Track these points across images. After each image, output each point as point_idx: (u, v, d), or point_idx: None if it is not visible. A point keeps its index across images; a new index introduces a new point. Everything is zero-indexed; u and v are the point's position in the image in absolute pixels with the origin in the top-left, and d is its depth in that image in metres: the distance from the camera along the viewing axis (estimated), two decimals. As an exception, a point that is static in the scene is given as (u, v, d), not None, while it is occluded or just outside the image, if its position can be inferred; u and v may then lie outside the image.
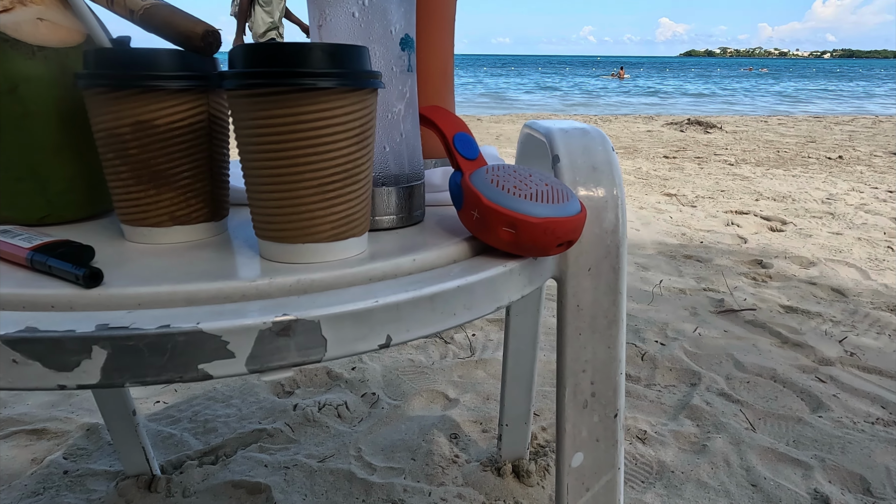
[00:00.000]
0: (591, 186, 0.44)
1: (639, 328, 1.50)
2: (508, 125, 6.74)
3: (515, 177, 0.39)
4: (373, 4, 0.39)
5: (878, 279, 1.92)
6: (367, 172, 0.36)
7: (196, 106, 0.38)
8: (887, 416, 1.12)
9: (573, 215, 0.38)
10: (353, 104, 0.33)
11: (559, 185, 0.40)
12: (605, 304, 0.44)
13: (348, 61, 0.33)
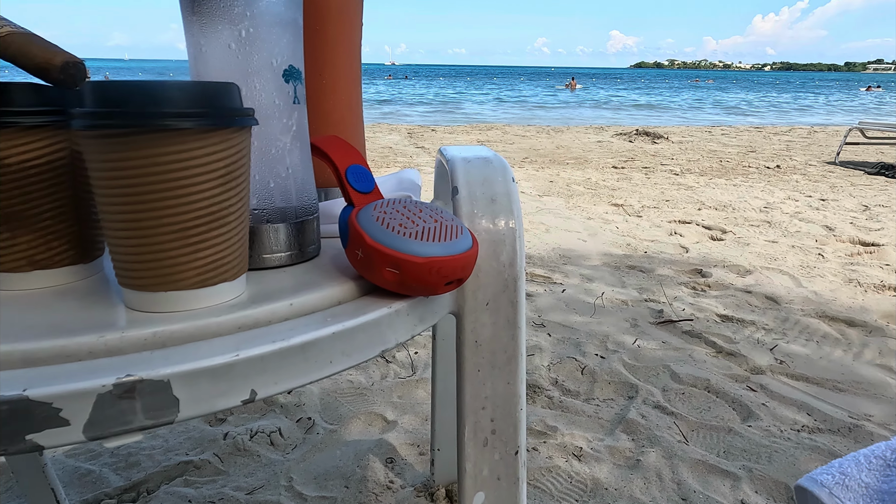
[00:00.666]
0: (489, 219, 0.43)
1: (580, 342, 1.51)
2: (462, 136, 6.77)
3: (404, 213, 0.38)
4: (251, 36, 0.37)
5: (809, 286, 2.00)
6: (239, 214, 0.34)
7: (55, 142, 0.35)
8: (812, 423, 1.16)
9: (462, 253, 0.37)
10: (215, 144, 0.31)
11: (451, 221, 0.39)
12: (504, 339, 0.43)
13: (209, 99, 0.31)
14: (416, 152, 5.38)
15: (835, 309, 1.78)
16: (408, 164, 4.61)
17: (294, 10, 0.39)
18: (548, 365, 1.38)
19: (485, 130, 7.45)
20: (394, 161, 4.77)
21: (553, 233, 2.70)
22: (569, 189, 3.77)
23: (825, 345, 1.54)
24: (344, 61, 0.51)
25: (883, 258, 2.35)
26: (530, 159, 5.07)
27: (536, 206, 3.23)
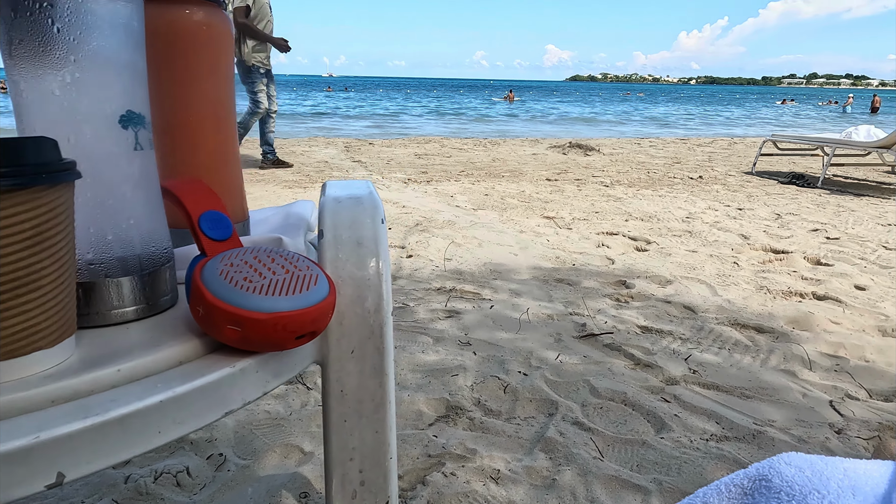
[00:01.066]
0: (354, 264, 0.42)
1: (504, 359, 1.52)
2: (400, 149, 6.77)
3: (254, 265, 0.37)
4: (78, 81, 0.35)
5: (724, 294, 2.10)
6: (56, 276, 0.32)
7: None
8: (720, 432, 1.21)
9: (314, 305, 0.36)
10: (18, 205, 0.29)
11: (306, 270, 0.38)
12: (371, 388, 0.42)
13: (9, 157, 0.29)
14: (353, 166, 5.34)
15: (746, 316, 1.87)
16: (344, 178, 4.55)
17: (131, 51, 0.37)
18: (471, 385, 1.38)
19: (423, 143, 7.47)
20: (329, 175, 4.71)
21: (485, 247, 2.72)
22: (503, 202, 3.82)
23: (736, 352, 1.61)
24: (201, 99, 0.49)
25: (791, 265, 2.50)
26: (467, 172, 5.11)
27: (471, 221, 3.26)
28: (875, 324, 1.83)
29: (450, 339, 1.64)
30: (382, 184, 4.42)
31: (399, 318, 1.80)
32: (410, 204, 3.68)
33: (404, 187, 4.31)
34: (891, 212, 3.67)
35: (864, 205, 3.91)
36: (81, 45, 0.34)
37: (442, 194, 4.05)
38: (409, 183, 4.50)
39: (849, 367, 1.53)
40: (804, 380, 1.45)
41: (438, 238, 2.83)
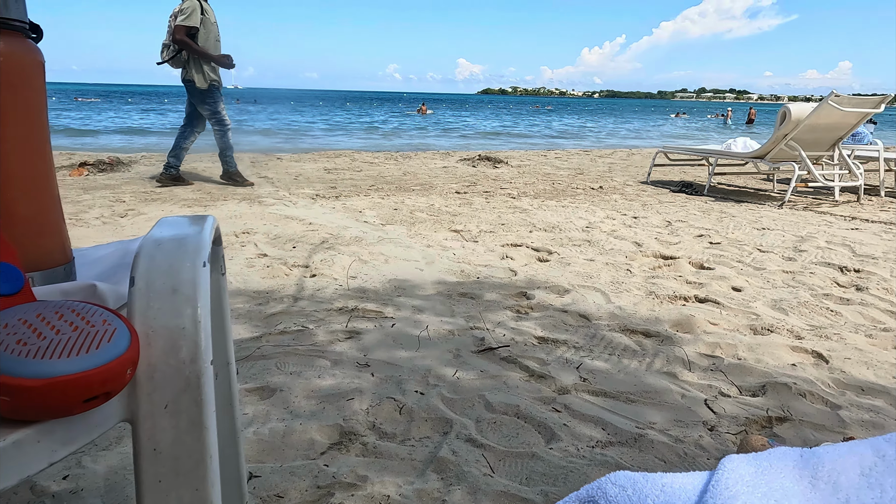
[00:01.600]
0: (167, 313, 0.40)
1: (402, 379, 1.51)
2: (309, 164, 6.64)
3: (35, 324, 0.34)
4: None
5: (617, 301, 2.20)
6: None
7: None
8: (605, 438, 1.26)
9: (105, 364, 0.33)
10: None
11: (100, 326, 0.35)
12: (188, 443, 0.40)
13: None
14: (259, 182, 5.17)
15: (635, 322, 1.98)
16: (247, 196, 4.40)
17: None
18: (366, 408, 1.36)
19: (333, 158, 7.37)
20: (232, 193, 4.53)
21: (391, 263, 2.71)
22: (412, 216, 3.83)
23: (624, 358, 1.70)
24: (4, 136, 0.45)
25: (678, 270, 2.67)
26: (377, 187, 5.09)
27: (378, 236, 3.23)
28: (747, 323, 1.98)
29: (348, 362, 1.61)
30: (289, 200, 4.31)
31: (297, 342, 1.75)
32: (317, 221, 3.61)
33: (312, 203, 4.23)
34: (765, 217, 4.02)
35: (743, 210, 4.26)
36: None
37: (351, 210, 4.01)
38: (317, 199, 4.41)
39: (723, 365, 1.65)
40: (684, 381, 1.55)
41: (344, 255, 2.79)
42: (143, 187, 4.67)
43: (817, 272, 2.61)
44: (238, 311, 2.03)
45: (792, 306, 2.15)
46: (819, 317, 2.07)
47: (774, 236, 3.38)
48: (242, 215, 3.72)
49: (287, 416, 1.32)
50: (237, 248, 2.90)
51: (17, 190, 0.47)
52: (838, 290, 2.38)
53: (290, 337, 1.79)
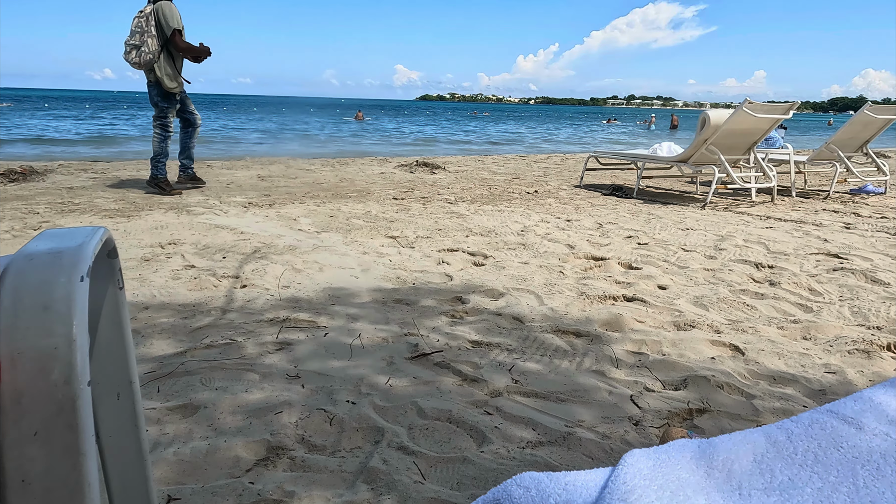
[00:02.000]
0: (37, 333, 0.37)
1: (333, 389, 1.48)
2: (242, 171, 6.45)
3: None
4: None
5: (549, 303, 2.24)
6: None
7: None
8: (535, 438, 1.28)
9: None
10: None
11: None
12: (62, 472, 0.37)
13: None
14: (188, 191, 4.98)
15: (566, 322, 2.02)
16: (174, 206, 4.22)
17: None
18: (295, 422, 1.32)
19: (267, 165, 7.20)
20: (158, 203, 4.34)
21: (326, 271, 2.66)
22: (348, 223, 3.78)
23: (556, 358, 1.73)
24: None
25: (608, 271, 2.75)
26: (312, 194, 5.00)
27: (313, 244, 3.18)
28: (671, 319, 2.07)
29: (277, 374, 1.57)
30: (220, 209, 4.17)
31: (224, 356, 1.69)
32: (249, 230, 3.51)
33: (244, 212, 4.11)
34: (689, 217, 4.21)
35: (669, 212, 4.45)
36: None
37: (285, 218, 3.92)
38: (249, 207, 4.29)
39: (648, 361, 1.71)
40: (612, 378, 1.60)
41: (277, 265, 2.72)
42: (59, 198, 4.41)
43: (735, 269, 2.76)
44: (162, 325, 1.94)
45: (712, 302, 2.26)
46: (736, 311, 2.18)
47: (697, 236, 3.54)
48: (169, 225, 3.57)
49: (211, 433, 1.27)
50: (162, 261, 2.77)
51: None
52: (754, 285, 2.52)
53: (217, 351, 1.72)
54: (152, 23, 4.35)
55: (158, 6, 4.37)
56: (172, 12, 4.40)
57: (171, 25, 4.37)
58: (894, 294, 2.38)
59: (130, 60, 4.43)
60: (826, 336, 1.92)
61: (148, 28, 4.34)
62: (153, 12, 4.36)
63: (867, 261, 2.92)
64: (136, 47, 4.38)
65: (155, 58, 4.39)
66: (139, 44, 4.37)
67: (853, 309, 2.19)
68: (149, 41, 4.34)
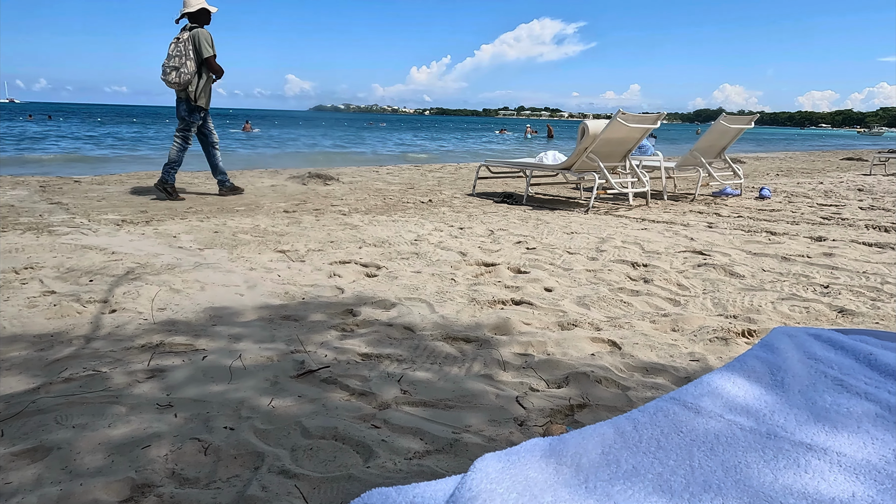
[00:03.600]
0: None
1: (210, 416, 1.39)
2: (115, 186, 5.97)
3: None
4: None
5: (441, 311, 2.26)
6: None
7: None
8: (422, 448, 1.27)
9: None
10: None
11: None
12: None
13: None
14: (50, 209, 4.52)
15: (457, 329, 2.04)
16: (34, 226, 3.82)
17: None
18: (165, 455, 1.22)
19: (145, 179, 6.71)
20: (13, 223, 3.90)
21: (208, 290, 2.51)
22: (234, 239, 3.60)
23: (445, 365, 1.74)
24: None
25: (498, 276, 2.82)
26: (195, 209, 4.73)
27: (195, 262, 2.99)
28: (556, 320, 2.15)
29: (147, 405, 1.44)
30: (88, 227, 3.82)
31: (85, 389, 1.53)
32: (122, 249, 3.24)
33: (117, 230, 3.79)
34: (574, 222, 4.44)
35: (556, 217, 4.66)
36: None
37: (164, 235, 3.66)
38: (123, 225, 3.97)
39: (534, 362, 1.76)
40: (499, 381, 1.63)
41: (153, 286, 2.53)
42: None
43: (614, 269, 2.94)
44: (12, 360, 1.73)
45: (593, 301, 2.38)
46: (615, 308, 2.32)
47: (581, 239, 3.74)
48: (25, 248, 3.21)
49: (65, 477, 1.14)
50: (16, 287, 2.49)
51: None
52: (630, 283, 2.69)
53: (77, 384, 1.56)
54: (189, 47, 5.00)
55: (196, 33, 5.00)
56: (209, 39, 5.06)
57: (209, 51, 5.04)
58: (748, 285, 2.64)
59: (170, 80, 5.03)
60: (691, 327, 2.09)
61: (186, 52, 4.99)
62: (190, 38, 5.00)
63: (726, 256, 3.22)
64: (175, 69, 5.01)
65: (192, 78, 5.03)
66: (178, 66, 5.00)
67: (714, 300, 2.40)
68: (187, 63, 5.00)
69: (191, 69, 5.02)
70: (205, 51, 5.02)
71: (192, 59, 5.02)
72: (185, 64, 5.00)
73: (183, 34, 5.03)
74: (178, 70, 5.02)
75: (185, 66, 5.01)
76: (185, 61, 5.00)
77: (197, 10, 5.06)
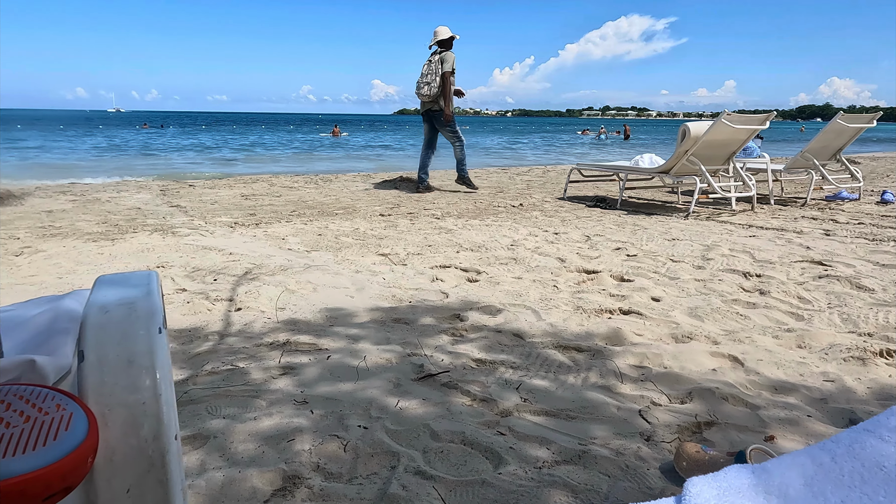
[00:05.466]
0: (125, 388, 0.37)
1: (344, 414, 1.47)
2: (225, 190, 6.40)
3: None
4: None
5: (547, 318, 2.26)
6: None
7: None
8: (551, 458, 1.28)
9: (65, 456, 0.30)
10: None
11: (54, 412, 0.32)
12: (153, 528, 0.37)
13: None
14: (171, 212, 4.92)
15: (567, 337, 2.04)
16: (159, 227, 4.17)
17: None
18: (309, 449, 1.31)
19: (250, 183, 7.15)
20: (142, 224, 4.28)
21: (321, 291, 2.65)
22: (338, 241, 3.77)
23: (560, 374, 1.74)
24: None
25: (601, 284, 2.78)
26: (298, 212, 4.98)
27: (305, 264, 3.16)
28: (669, 332, 2.09)
29: (285, 400, 1.55)
30: (206, 229, 4.13)
31: (228, 383, 1.67)
32: (238, 251, 3.48)
33: (231, 232, 4.07)
34: (674, 228, 4.28)
35: (654, 223, 4.52)
36: None
37: (272, 237, 3.89)
38: (235, 227, 4.25)
39: (652, 375, 1.73)
40: (618, 393, 1.61)
41: (270, 286, 2.70)
42: (39, 222, 4.32)
43: (725, 279, 2.81)
44: (159, 353, 1.90)
45: (706, 313, 2.29)
46: (731, 321, 2.22)
47: (684, 246, 3.61)
48: (155, 248, 3.52)
49: (224, 463, 1.25)
50: (153, 284, 2.73)
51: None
52: (744, 294, 2.57)
53: (220, 378, 1.70)
54: (438, 67, 6.04)
55: (444, 55, 6.02)
56: (451, 60, 6.06)
57: (447, 68, 6.01)
58: (880, 300, 2.45)
59: (422, 93, 6.14)
60: (820, 344, 1.97)
61: (436, 71, 6.06)
62: (439, 60, 6.04)
63: (850, 267, 3.00)
64: (427, 84, 6.10)
65: (439, 92, 6.05)
66: (430, 82, 6.09)
67: (843, 316, 2.24)
68: (436, 80, 6.06)
69: (438, 85, 6.06)
70: (444, 67, 6.02)
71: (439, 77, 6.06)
72: (435, 80, 6.07)
73: (434, 57, 6.11)
74: (430, 85, 6.10)
75: (434, 83, 6.08)
76: (434, 78, 6.08)
77: (448, 37, 6.14)
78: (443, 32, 6.13)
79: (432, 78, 6.11)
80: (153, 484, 0.37)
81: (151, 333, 0.39)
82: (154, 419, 0.37)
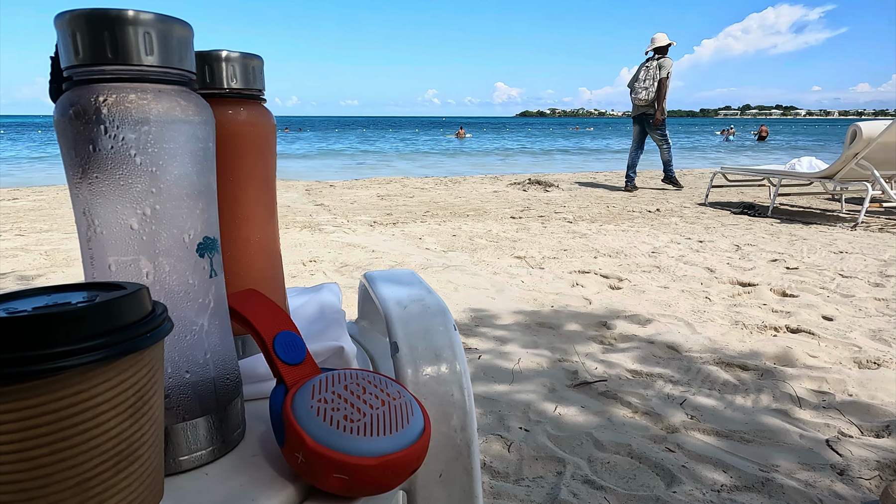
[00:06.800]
0: (435, 379, 0.40)
1: (503, 414, 1.49)
2: (362, 191, 6.75)
3: (346, 397, 0.34)
4: (157, 213, 0.32)
5: (703, 332, 2.13)
6: (153, 440, 0.28)
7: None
8: (730, 482, 1.21)
9: (416, 441, 0.33)
10: (123, 372, 0.26)
11: (399, 400, 0.35)
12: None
13: (112, 318, 0.26)
14: (316, 210, 5.28)
15: (728, 354, 1.91)
16: (308, 224, 4.50)
17: (207, 174, 0.35)
18: (474, 446, 1.34)
19: (384, 184, 7.48)
20: (293, 221, 4.63)
21: (462, 291, 2.71)
22: (472, 243, 3.83)
23: (726, 392, 1.64)
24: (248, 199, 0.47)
25: (760, 298, 2.58)
26: (431, 213, 5.13)
27: (443, 264, 3.25)
28: (850, 356, 1.89)
29: (444, 396, 1.60)
30: (348, 227, 4.38)
31: (388, 375, 1.75)
32: (379, 248, 3.65)
33: (371, 230, 4.28)
34: (840, 239, 3.86)
35: (814, 233, 4.11)
36: (163, 175, 0.31)
37: (410, 236, 4.04)
38: (375, 226, 4.47)
39: (835, 402, 1.57)
40: (797, 419, 1.48)
41: (414, 284, 2.80)
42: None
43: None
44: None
45: (895, 337, 2.04)
46: (926, 348, 1.96)
47: (855, 260, 3.24)
48: (306, 243, 3.79)
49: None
50: (307, 277, 2.95)
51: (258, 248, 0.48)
52: (940, 319, 2.25)
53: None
54: (657, 73, 6.22)
55: (662, 61, 6.23)
56: (668, 66, 6.24)
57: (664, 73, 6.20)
58: None
59: (639, 97, 6.36)
60: None
61: (654, 76, 6.25)
62: (657, 66, 6.23)
63: None
64: (645, 89, 6.29)
65: (655, 97, 6.27)
66: (648, 87, 6.27)
67: None
68: (654, 85, 6.26)
69: (655, 89, 6.30)
70: (662, 73, 6.22)
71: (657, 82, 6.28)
72: (653, 85, 6.29)
73: (651, 63, 6.30)
74: (648, 90, 6.31)
75: (651, 88, 6.30)
76: (653, 84, 6.29)
77: (665, 44, 6.31)
78: (660, 39, 6.28)
79: (650, 83, 6.28)
80: (460, 471, 0.39)
81: (449, 329, 0.42)
82: (461, 411, 0.39)
